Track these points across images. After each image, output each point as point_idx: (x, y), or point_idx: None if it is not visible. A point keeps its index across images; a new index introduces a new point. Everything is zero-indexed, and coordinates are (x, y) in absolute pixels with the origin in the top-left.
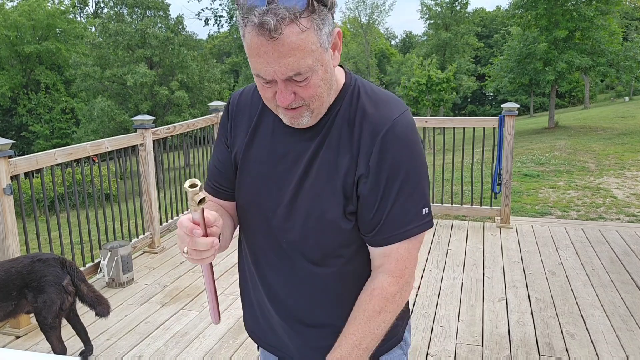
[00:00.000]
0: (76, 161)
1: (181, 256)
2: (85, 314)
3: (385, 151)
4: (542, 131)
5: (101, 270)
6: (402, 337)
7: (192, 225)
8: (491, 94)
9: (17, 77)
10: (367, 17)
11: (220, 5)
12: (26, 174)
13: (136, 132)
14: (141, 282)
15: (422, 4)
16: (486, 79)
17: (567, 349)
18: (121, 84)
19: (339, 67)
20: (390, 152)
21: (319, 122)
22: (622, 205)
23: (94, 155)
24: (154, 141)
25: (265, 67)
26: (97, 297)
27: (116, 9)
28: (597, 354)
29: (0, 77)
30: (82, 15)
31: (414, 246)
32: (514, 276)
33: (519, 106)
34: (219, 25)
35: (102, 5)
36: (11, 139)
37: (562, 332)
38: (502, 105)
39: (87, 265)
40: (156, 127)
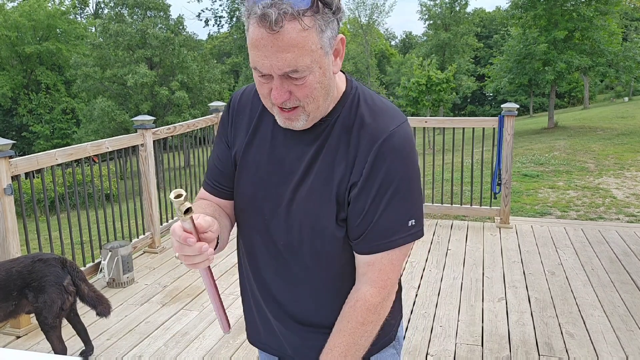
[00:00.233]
0: (76, 161)
1: None
2: (85, 314)
3: (379, 161)
4: (541, 131)
5: (101, 270)
6: (394, 336)
7: (184, 234)
8: (491, 94)
9: (18, 77)
10: (367, 18)
11: (220, 6)
12: (27, 174)
13: (136, 132)
14: (141, 282)
15: (421, 5)
16: (486, 80)
17: (566, 349)
18: (121, 85)
19: (340, 73)
20: (384, 162)
21: (318, 127)
22: (622, 205)
23: (94, 155)
24: (154, 141)
25: (262, 60)
26: (98, 297)
27: (117, 10)
28: (596, 354)
29: (0, 78)
30: (82, 15)
31: (397, 257)
32: (513, 276)
33: (518, 106)
34: (219, 25)
35: (102, 5)
36: (12, 139)
37: (561, 332)
38: (501, 105)
39: (87, 265)
40: (156, 127)
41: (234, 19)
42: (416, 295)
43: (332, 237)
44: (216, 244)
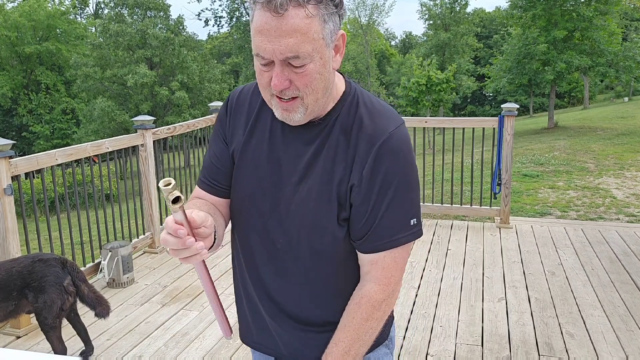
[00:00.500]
0: (76, 161)
1: None
2: (85, 314)
3: (379, 162)
4: (541, 131)
5: (101, 270)
6: (387, 335)
7: (175, 225)
8: (491, 95)
9: (18, 77)
10: (366, 18)
11: (220, 6)
12: (27, 174)
13: (136, 132)
14: (141, 282)
15: (421, 5)
16: (486, 80)
17: (566, 349)
18: (121, 85)
19: (339, 75)
20: (384, 164)
21: (316, 127)
22: (622, 205)
23: (94, 155)
24: (154, 141)
25: (265, 45)
26: (98, 298)
27: (117, 10)
28: (596, 354)
29: (0, 78)
30: (82, 15)
31: (400, 255)
32: (513, 276)
33: (518, 106)
34: (219, 25)
35: (102, 5)
36: (12, 140)
37: (561, 332)
38: (501, 105)
39: (87, 265)
40: (156, 127)
41: (234, 19)
42: (416, 295)
43: (331, 237)
44: (213, 240)
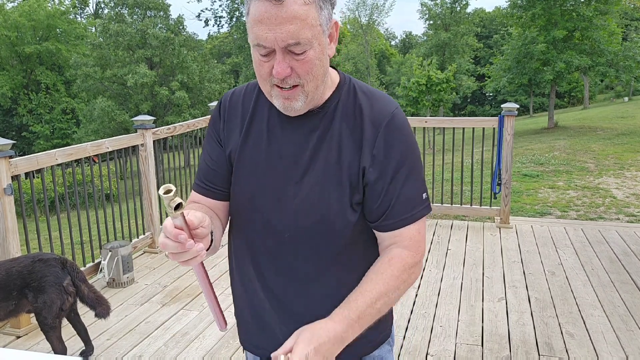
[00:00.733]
0: (76, 161)
1: None
2: (85, 314)
3: (390, 141)
4: (541, 131)
5: (101, 270)
6: (389, 332)
7: (176, 231)
8: (491, 94)
9: (18, 77)
10: (367, 18)
11: (220, 6)
12: (27, 174)
13: (136, 132)
14: (141, 282)
15: (421, 4)
16: (486, 80)
17: (566, 349)
18: (121, 85)
19: (331, 68)
20: (395, 142)
21: (316, 116)
22: (622, 205)
23: (94, 155)
24: (154, 141)
25: (266, 34)
26: (98, 298)
27: (117, 10)
28: (596, 354)
29: (0, 78)
30: (82, 15)
31: (422, 227)
32: (513, 276)
33: (518, 106)
34: (219, 25)
35: (102, 5)
36: (12, 139)
37: (561, 332)
38: (501, 105)
39: (87, 265)
40: (156, 127)
41: (234, 19)
42: (416, 295)
43: (344, 222)
44: (210, 241)
